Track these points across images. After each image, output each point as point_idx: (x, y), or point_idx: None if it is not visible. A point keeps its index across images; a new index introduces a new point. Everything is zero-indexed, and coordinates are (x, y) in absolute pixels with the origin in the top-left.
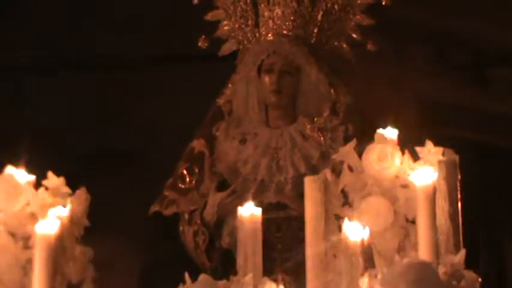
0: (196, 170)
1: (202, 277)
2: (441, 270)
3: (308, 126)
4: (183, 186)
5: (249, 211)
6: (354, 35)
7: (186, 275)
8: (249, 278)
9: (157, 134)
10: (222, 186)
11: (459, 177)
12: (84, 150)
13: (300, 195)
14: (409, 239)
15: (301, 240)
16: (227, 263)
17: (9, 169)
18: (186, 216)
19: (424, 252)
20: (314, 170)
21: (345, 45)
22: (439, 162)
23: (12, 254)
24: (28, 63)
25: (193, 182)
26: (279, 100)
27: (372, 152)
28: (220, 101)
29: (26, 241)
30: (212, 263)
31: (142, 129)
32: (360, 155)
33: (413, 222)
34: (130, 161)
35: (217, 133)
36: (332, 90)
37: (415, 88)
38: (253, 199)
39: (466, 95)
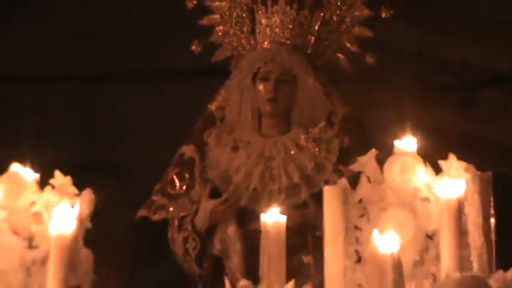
0: (187, 176)
1: (244, 283)
2: (493, 285)
3: (302, 137)
4: (172, 191)
5: (273, 218)
6: (351, 47)
7: (226, 281)
8: (290, 285)
9: (147, 147)
10: (213, 193)
11: None
12: (72, 162)
13: (294, 206)
14: (427, 252)
15: (295, 252)
16: (217, 271)
17: (15, 166)
18: (176, 222)
19: (447, 267)
20: (308, 181)
21: (342, 56)
22: (473, 176)
23: (17, 254)
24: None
25: (184, 188)
26: (274, 109)
27: (394, 163)
28: (212, 107)
29: (30, 241)
30: (202, 270)
31: (132, 142)
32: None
33: (430, 236)
34: (118, 173)
35: (208, 139)
36: (328, 101)
37: (399, 108)
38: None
39: (451, 117)
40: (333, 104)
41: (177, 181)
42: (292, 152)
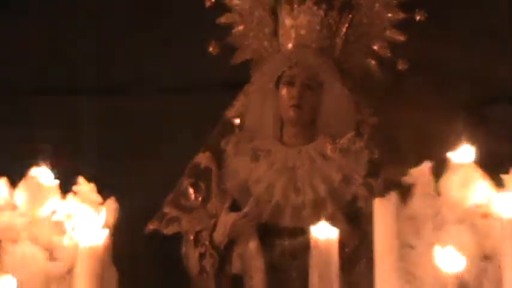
0: (203, 187)
1: None
2: None
3: (329, 147)
4: (186, 203)
5: (324, 233)
6: (382, 52)
7: None
8: None
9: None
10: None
11: None
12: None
13: (320, 220)
14: (486, 273)
15: None
16: None
17: (35, 171)
18: (191, 237)
19: None
20: (335, 194)
21: (372, 62)
22: None
23: (37, 265)
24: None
25: (199, 200)
26: (299, 116)
27: (454, 177)
28: (230, 113)
29: (50, 252)
30: None
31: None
32: (386, 182)
33: (486, 257)
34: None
35: (226, 147)
36: (357, 110)
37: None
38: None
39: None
40: (361, 113)
41: (191, 192)
42: (318, 163)
